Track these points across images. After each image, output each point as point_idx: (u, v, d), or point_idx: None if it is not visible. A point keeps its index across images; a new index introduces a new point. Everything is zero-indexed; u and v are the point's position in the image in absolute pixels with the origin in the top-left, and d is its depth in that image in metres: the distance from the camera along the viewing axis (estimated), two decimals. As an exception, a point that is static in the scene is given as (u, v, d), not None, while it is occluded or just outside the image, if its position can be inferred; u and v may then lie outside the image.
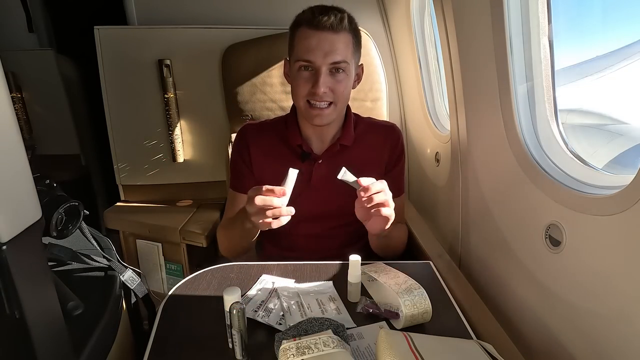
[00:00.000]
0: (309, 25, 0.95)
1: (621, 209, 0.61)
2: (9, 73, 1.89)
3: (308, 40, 0.95)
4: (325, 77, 0.95)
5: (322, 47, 0.94)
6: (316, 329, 0.71)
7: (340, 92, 0.99)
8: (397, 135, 1.13)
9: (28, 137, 2.04)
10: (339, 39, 0.95)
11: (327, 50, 0.94)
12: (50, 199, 0.72)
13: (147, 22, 1.58)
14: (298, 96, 1.01)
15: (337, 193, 1.10)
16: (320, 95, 0.96)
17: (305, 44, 0.95)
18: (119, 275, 0.92)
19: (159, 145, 1.65)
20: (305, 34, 0.95)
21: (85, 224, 0.85)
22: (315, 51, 0.94)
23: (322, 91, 0.96)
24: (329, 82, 0.96)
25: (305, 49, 0.95)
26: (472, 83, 1.02)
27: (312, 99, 0.98)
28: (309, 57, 0.95)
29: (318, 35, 0.94)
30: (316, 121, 1.01)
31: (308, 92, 0.98)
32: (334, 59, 0.95)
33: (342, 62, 0.96)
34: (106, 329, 0.79)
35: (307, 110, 1.00)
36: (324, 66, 0.95)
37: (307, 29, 0.95)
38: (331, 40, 0.94)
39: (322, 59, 0.94)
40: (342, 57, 0.95)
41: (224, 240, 1.12)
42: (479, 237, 1.08)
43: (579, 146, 0.84)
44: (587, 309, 0.70)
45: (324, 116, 1.00)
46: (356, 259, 0.84)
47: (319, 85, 0.95)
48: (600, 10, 0.90)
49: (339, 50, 0.95)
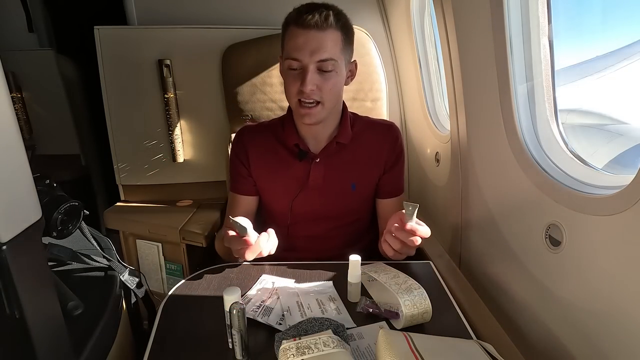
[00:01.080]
0: (296, 24, 0.95)
1: (621, 209, 0.61)
2: (9, 73, 1.89)
3: (295, 40, 0.95)
4: (312, 75, 0.95)
5: (309, 45, 0.94)
6: (316, 329, 0.71)
7: (328, 90, 0.98)
8: (395, 134, 1.13)
9: (28, 137, 2.04)
10: (326, 36, 0.95)
11: (314, 49, 0.94)
12: (50, 199, 0.72)
13: (147, 22, 1.58)
14: (289, 95, 1.01)
15: (335, 193, 1.10)
16: (307, 94, 0.96)
17: (292, 43, 0.96)
18: (119, 275, 0.92)
19: (159, 145, 1.65)
20: (293, 33, 0.96)
21: (85, 224, 0.85)
22: (301, 50, 0.94)
23: (310, 89, 0.96)
24: (316, 79, 0.96)
25: (293, 47, 0.96)
26: (472, 83, 1.02)
27: (302, 97, 0.98)
28: (296, 55, 0.95)
29: (305, 34, 0.94)
30: (305, 120, 1.01)
31: (297, 90, 0.98)
32: (320, 57, 0.95)
33: (329, 59, 0.95)
34: (106, 329, 0.79)
35: (297, 109, 1.01)
36: (311, 64, 0.95)
37: (295, 28, 0.96)
38: (318, 39, 0.94)
39: (309, 57, 0.94)
40: (329, 55, 0.95)
41: (220, 250, 1.13)
42: (479, 237, 1.08)
43: (579, 146, 0.84)
44: (587, 309, 0.70)
45: (312, 115, 1.00)
46: (356, 259, 0.84)
47: (306, 84, 0.95)
48: (600, 10, 0.90)
49: (326, 48, 0.95)
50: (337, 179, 1.09)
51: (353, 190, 1.10)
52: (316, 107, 0.99)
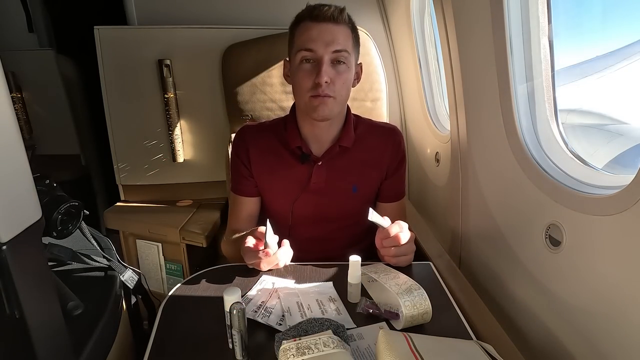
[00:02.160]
0: (310, 18, 0.96)
1: (621, 209, 0.61)
2: (9, 73, 1.89)
3: (309, 32, 0.96)
4: (327, 67, 0.95)
5: (324, 37, 0.95)
6: (316, 330, 0.71)
7: (341, 84, 0.98)
8: (398, 138, 1.13)
9: (28, 137, 2.04)
10: (340, 29, 0.96)
11: (329, 40, 0.95)
12: (50, 199, 0.72)
13: (147, 22, 1.58)
14: (301, 91, 0.99)
15: (336, 195, 1.09)
16: (323, 87, 0.96)
17: (306, 36, 0.96)
18: (118, 275, 0.92)
19: (159, 145, 1.65)
20: (306, 26, 0.97)
21: (85, 224, 0.85)
22: (316, 41, 0.95)
23: (325, 80, 0.95)
24: (330, 72, 0.96)
25: (307, 39, 0.96)
26: (472, 83, 1.02)
27: (315, 93, 0.97)
28: (311, 45, 0.95)
29: (319, 27, 0.95)
30: (319, 111, 0.98)
31: (312, 85, 0.97)
32: (335, 47, 0.95)
33: (343, 51, 0.96)
34: (106, 329, 0.79)
35: (310, 102, 0.98)
36: (326, 55, 0.95)
37: (308, 22, 0.97)
38: (332, 30, 0.95)
39: (324, 47, 0.95)
40: (343, 46, 0.96)
41: (228, 253, 1.13)
42: (479, 237, 1.08)
43: (579, 146, 0.84)
44: (587, 309, 0.70)
45: (326, 105, 0.98)
46: (356, 260, 0.84)
47: (321, 75, 0.94)
48: (600, 10, 0.90)
49: (340, 40, 0.96)
50: (338, 182, 1.09)
51: (354, 192, 1.10)
52: (330, 99, 0.98)
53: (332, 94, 0.97)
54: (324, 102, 0.98)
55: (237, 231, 1.08)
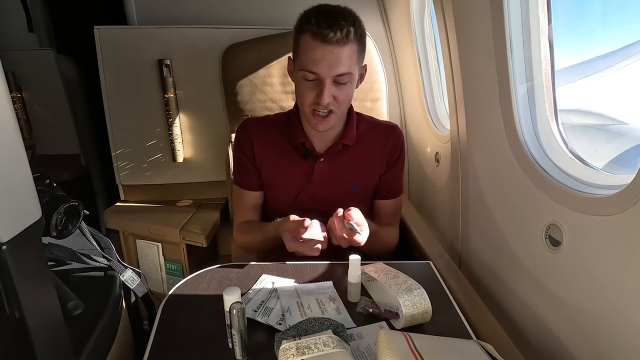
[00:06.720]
0: (314, 37, 0.92)
1: (621, 209, 0.61)
2: (9, 73, 1.89)
3: (313, 52, 0.93)
4: (329, 88, 0.95)
5: (327, 59, 0.93)
6: (316, 329, 0.71)
7: (342, 100, 0.99)
8: (398, 135, 1.14)
9: (28, 137, 2.04)
10: (344, 51, 0.93)
11: (332, 63, 0.93)
12: (50, 199, 0.72)
13: (147, 22, 1.58)
14: (303, 104, 1.01)
15: (337, 191, 1.10)
16: (324, 106, 0.97)
17: (310, 56, 0.94)
18: (118, 275, 0.92)
19: (159, 145, 1.65)
20: (310, 44, 0.93)
21: (85, 224, 0.85)
22: (320, 64, 0.93)
23: (327, 102, 0.96)
24: (332, 91, 0.96)
25: (310, 60, 0.94)
26: (472, 83, 1.02)
27: (317, 108, 0.98)
28: (314, 69, 0.94)
29: (323, 48, 0.92)
30: (319, 128, 1.02)
31: (313, 101, 0.98)
32: (338, 71, 0.94)
33: (346, 73, 0.95)
34: (106, 328, 0.79)
35: (310, 117, 1.01)
36: (328, 78, 0.95)
37: (313, 40, 0.93)
38: (336, 54, 0.93)
39: (327, 71, 0.94)
40: (346, 69, 0.95)
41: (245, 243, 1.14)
42: (479, 237, 1.08)
43: (579, 146, 0.84)
44: (587, 309, 0.70)
45: (326, 124, 1.01)
46: (356, 259, 0.84)
47: (323, 98, 0.95)
48: (600, 10, 0.90)
49: (343, 62, 0.94)
50: (339, 178, 1.10)
51: (355, 189, 1.11)
52: (330, 115, 1.00)
53: (333, 109, 0.99)
54: (323, 122, 1.00)
55: (248, 222, 1.12)
